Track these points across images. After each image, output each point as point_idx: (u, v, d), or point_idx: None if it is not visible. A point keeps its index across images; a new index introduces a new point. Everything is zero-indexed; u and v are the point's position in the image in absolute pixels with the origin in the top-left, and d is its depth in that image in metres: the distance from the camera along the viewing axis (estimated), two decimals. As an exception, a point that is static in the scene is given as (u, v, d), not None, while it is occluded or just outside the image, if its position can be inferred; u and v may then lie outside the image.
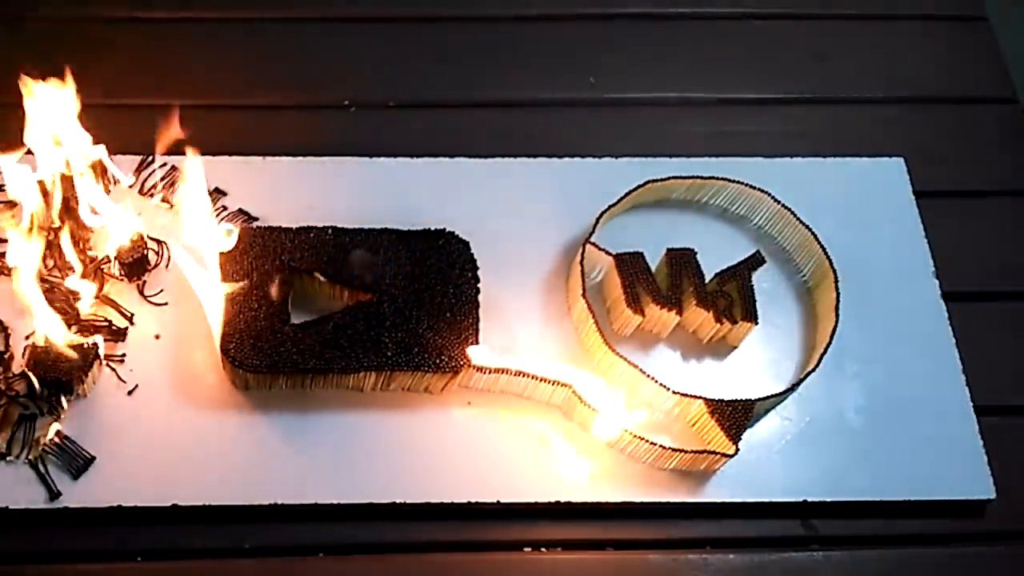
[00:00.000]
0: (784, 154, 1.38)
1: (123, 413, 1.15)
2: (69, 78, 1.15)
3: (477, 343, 1.17)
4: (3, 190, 1.26)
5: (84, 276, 1.19)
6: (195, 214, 1.15)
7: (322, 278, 1.20)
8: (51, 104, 1.15)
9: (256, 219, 1.27)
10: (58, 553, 1.11)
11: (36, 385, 1.12)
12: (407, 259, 1.21)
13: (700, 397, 1.17)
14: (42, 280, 1.19)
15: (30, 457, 1.12)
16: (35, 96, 1.14)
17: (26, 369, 1.12)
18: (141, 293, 1.22)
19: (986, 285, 1.33)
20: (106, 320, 1.19)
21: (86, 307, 1.19)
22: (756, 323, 1.22)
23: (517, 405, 1.19)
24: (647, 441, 1.14)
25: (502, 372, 1.16)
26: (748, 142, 1.40)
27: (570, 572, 1.15)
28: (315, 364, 1.14)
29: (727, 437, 1.15)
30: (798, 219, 1.29)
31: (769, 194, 1.30)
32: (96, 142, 1.20)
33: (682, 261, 1.24)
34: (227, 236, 1.18)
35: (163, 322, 1.21)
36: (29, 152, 1.17)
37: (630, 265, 1.23)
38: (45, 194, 1.18)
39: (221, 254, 1.17)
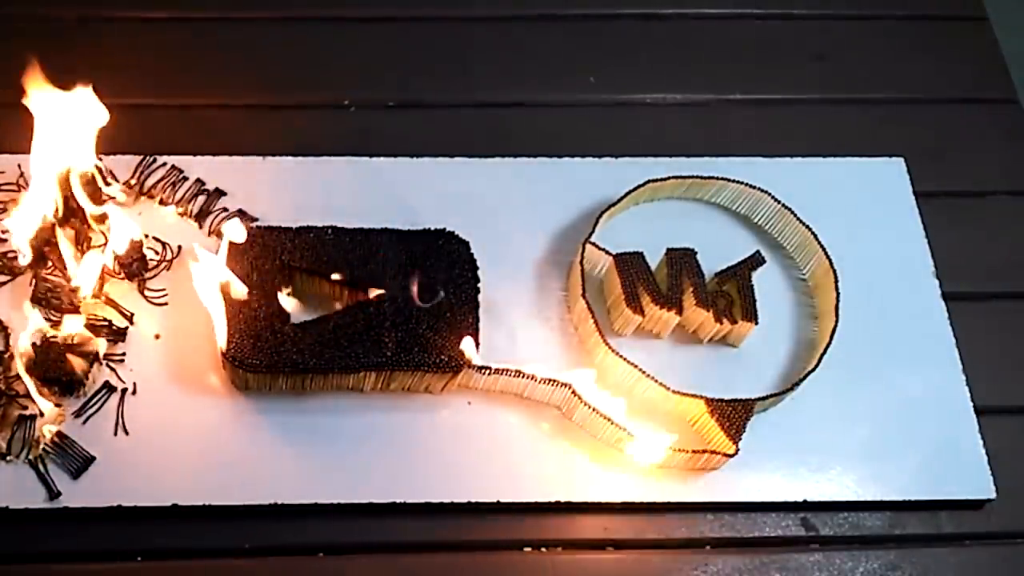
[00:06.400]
0: (784, 154, 1.38)
1: (123, 413, 1.15)
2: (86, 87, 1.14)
3: (477, 343, 1.17)
4: (2, 189, 1.26)
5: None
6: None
7: (322, 278, 1.20)
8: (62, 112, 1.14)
9: (256, 219, 1.27)
10: (58, 553, 1.11)
11: (34, 386, 1.12)
12: (407, 259, 1.21)
13: (700, 397, 1.17)
14: (43, 280, 1.19)
15: (30, 457, 1.12)
16: (41, 105, 1.13)
17: (24, 371, 1.13)
18: (141, 293, 1.22)
19: (986, 285, 1.33)
20: (106, 320, 1.19)
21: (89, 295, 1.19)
22: (756, 323, 1.22)
23: (517, 405, 1.19)
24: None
25: (502, 372, 1.16)
26: (748, 142, 1.40)
27: (570, 572, 1.15)
28: (315, 364, 1.14)
29: (727, 437, 1.15)
30: (798, 219, 1.29)
31: (769, 194, 1.30)
32: (96, 142, 1.20)
33: (682, 261, 1.24)
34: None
35: (163, 322, 1.21)
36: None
37: (630, 265, 1.23)
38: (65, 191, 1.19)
39: (229, 248, 1.17)
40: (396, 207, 1.28)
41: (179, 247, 1.25)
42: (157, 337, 1.20)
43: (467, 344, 1.16)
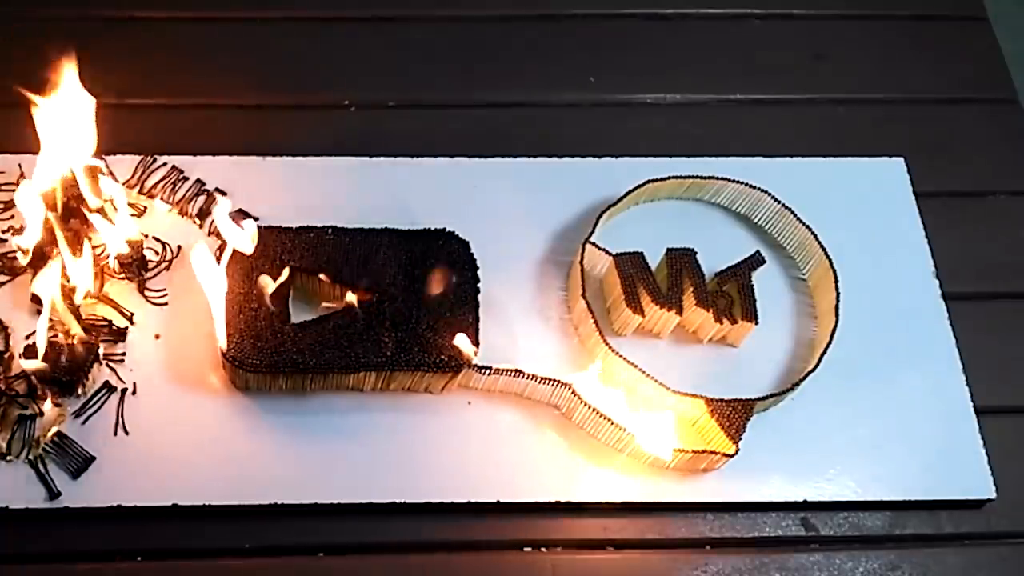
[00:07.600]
0: (784, 154, 1.38)
1: (123, 413, 1.15)
2: (75, 79, 1.14)
3: (477, 343, 1.17)
4: (2, 189, 1.26)
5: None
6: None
7: (322, 278, 1.20)
8: (59, 109, 1.15)
9: (256, 219, 1.27)
10: (58, 553, 1.11)
11: (36, 385, 1.12)
12: (407, 259, 1.21)
13: (700, 397, 1.17)
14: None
15: (30, 457, 1.12)
16: (41, 106, 1.14)
17: (26, 370, 1.13)
18: (141, 293, 1.22)
19: (986, 285, 1.33)
20: (106, 320, 1.19)
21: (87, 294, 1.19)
22: (756, 323, 1.22)
23: (517, 405, 1.19)
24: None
25: (502, 372, 1.16)
26: (748, 142, 1.40)
27: (570, 572, 1.15)
28: (315, 364, 1.14)
29: (727, 437, 1.15)
30: (798, 219, 1.29)
31: (769, 194, 1.30)
32: (96, 142, 1.20)
33: (682, 261, 1.24)
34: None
35: (163, 322, 1.21)
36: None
37: (630, 265, 1.23)
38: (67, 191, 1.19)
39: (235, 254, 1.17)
40: (396, 207, 1.28)
41: (179, 247, 1.25)
42: (157, 337, 1.20)
43: (461, 340, 1.15)
